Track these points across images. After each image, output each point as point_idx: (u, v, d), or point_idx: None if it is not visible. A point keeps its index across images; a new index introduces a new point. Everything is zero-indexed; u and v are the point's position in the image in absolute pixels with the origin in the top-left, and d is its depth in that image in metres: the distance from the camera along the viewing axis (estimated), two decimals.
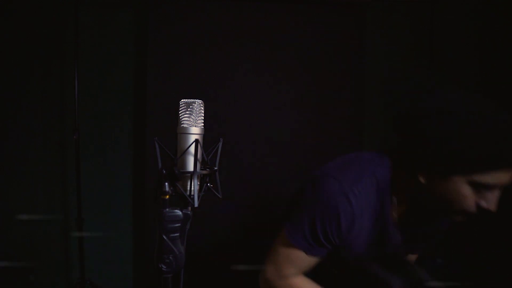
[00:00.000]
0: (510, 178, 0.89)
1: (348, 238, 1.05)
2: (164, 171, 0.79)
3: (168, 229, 0.79)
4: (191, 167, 0.82)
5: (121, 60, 2.32)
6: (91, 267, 2.26)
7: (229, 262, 2.14)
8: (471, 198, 0.91)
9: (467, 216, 0.95)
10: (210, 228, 2.21)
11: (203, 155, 0.85)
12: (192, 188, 0.81)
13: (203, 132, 0.86)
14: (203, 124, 0.86)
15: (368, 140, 2.41)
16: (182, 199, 0.82)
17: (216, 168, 0.86)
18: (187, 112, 0.84)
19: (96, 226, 2.32)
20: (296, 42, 2.25)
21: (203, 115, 0.86)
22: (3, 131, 2.25)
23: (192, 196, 0.81)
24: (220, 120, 2.19)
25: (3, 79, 2.23)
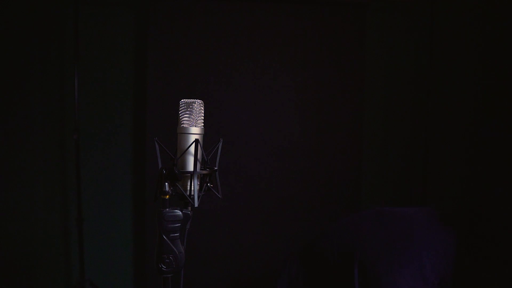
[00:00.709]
0: None
1: None
2: (164, 171, 0.79)
3: (168, 229, 0.79)
4: (191, 167, 0.82)
5: (121, 60, 2.32)
6: (91, 267, 2.26)
7: (229, 262, 2.14)
8: None
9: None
10: (210, 228, 2.21)
11: (203, 155, 0.85)
12: (192, 188, 0.81)
13: (203, 132, 0.85)
14: (203, 124, 0.86)
15: (368, 140, 2.41)
16: (182, 199, 0.82)
17: (216, 168, 0.86)
18: (187, 112, 0.84)
19: (96, 226, 2.32)
20: (296, 42, 2.25)
21: (203, 115, 0.86)
22: (3, 131, 2.25)
23: (192, 196, 0.81)
24: (220, 120, 2.19)
25: (3, 79, 2.23)
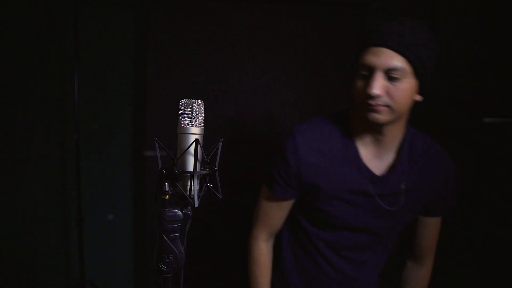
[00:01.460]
0: (376, 59, 1.02)
1: (308, 179, 1.18)
2: (164, 171, 0.79)
3: (168, 229, 0.79)
4: (191, 167, 0.82)
5: (121, 60, 2.32)
6: (91, 267, 2.26)
7: (228, 262, 2.13)
8: (360, 89, 1.08)
9: (367, 110, 1.07)
10: (210, 228, 2.21)
11: (203, 155, 0.85)
12: (192, 188, 0.81)
13: (203, 132, 0.85)
14: (203, 124, 0.86)
15: None
16: (182, 199, 0.82)
17: (216, 168, 0.86)
18: (187, 112, 0.84)
19: (96, 226, 2.32)
20: (296, 42, 2.25)
21: (203, 115, 0.86)
22: (3, 131, 2.25)
23: (192, 196, 0.81)
24: (220, 120, 2.19)
25: (2, 79, 2.23)
